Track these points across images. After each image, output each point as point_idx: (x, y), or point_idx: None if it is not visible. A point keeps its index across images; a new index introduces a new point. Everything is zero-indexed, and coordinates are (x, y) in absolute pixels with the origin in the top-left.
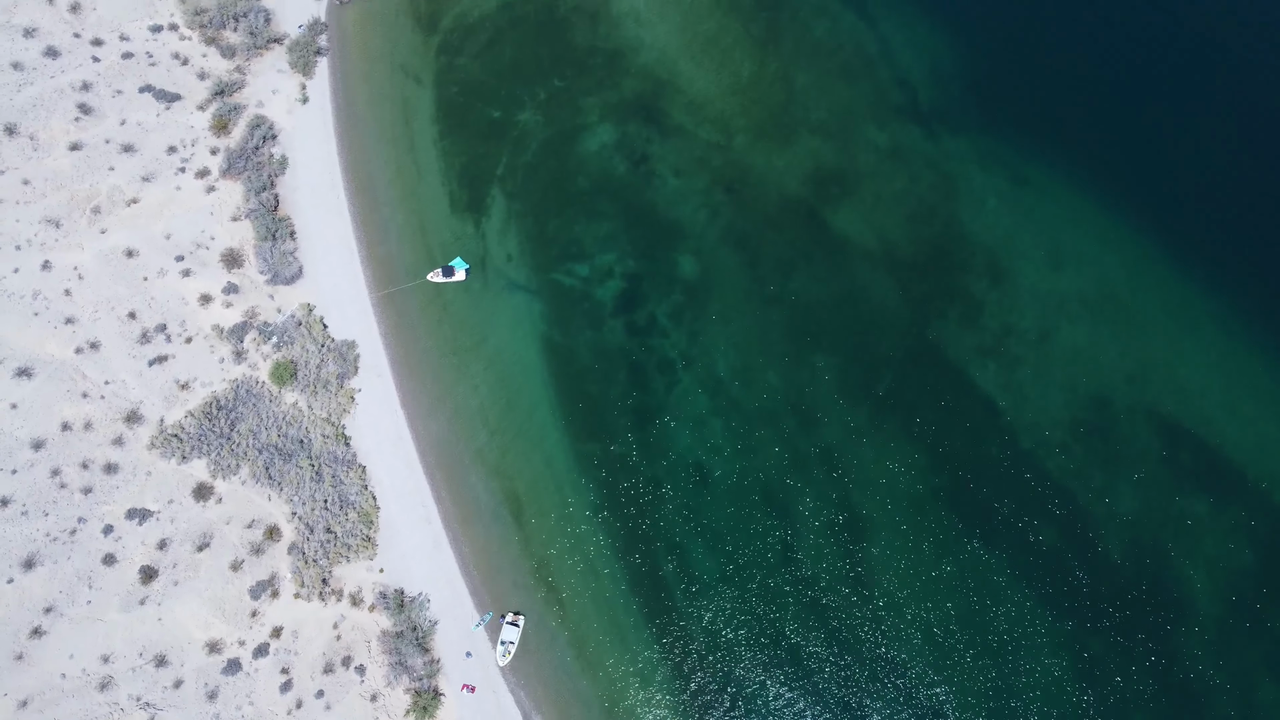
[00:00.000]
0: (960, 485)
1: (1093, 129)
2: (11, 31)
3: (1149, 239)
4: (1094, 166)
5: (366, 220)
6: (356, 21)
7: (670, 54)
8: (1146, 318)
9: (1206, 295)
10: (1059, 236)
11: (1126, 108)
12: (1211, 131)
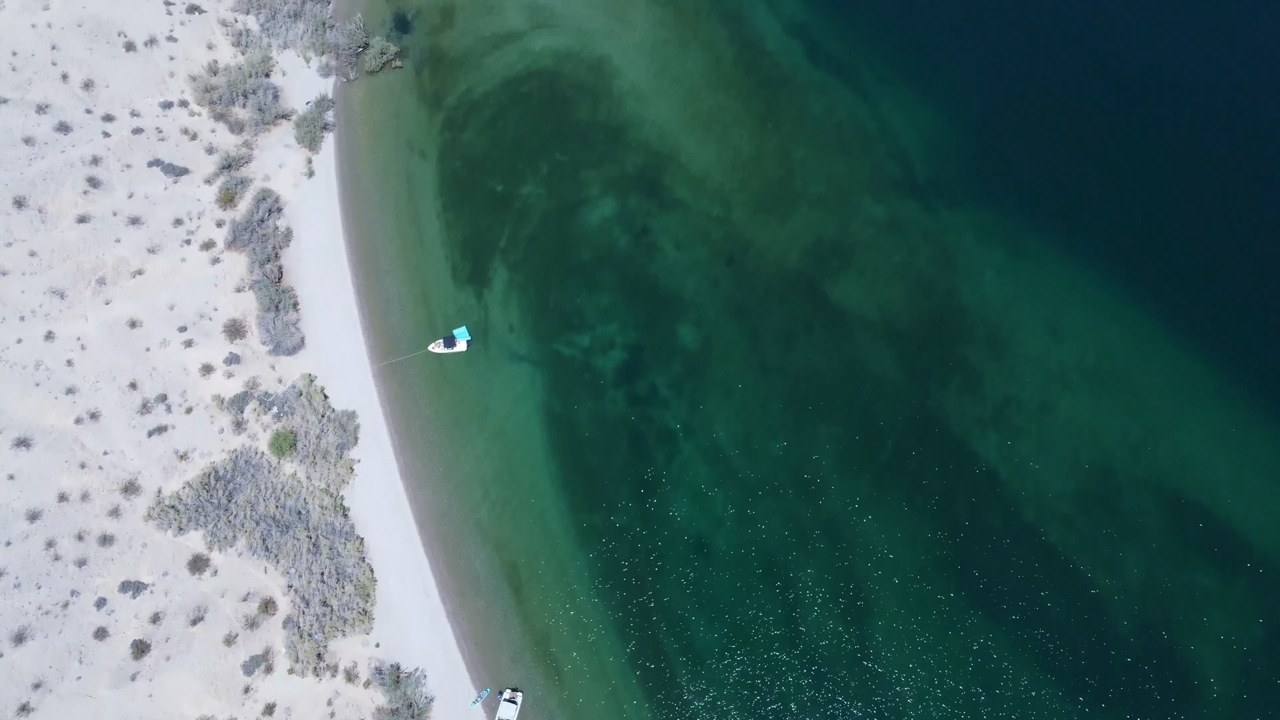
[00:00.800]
0: (964, 557)
1: (1089, 201)
2: (25, 107)
3: (1148, 310)
4: (1091, 238)
5: (369, 291)
6: (363, 98)
7: (671, 129)
8: (1147, 389)
9: (1207, 367)
10: (1058, 308)
11: (1122, 180)
12: (1209, 204)
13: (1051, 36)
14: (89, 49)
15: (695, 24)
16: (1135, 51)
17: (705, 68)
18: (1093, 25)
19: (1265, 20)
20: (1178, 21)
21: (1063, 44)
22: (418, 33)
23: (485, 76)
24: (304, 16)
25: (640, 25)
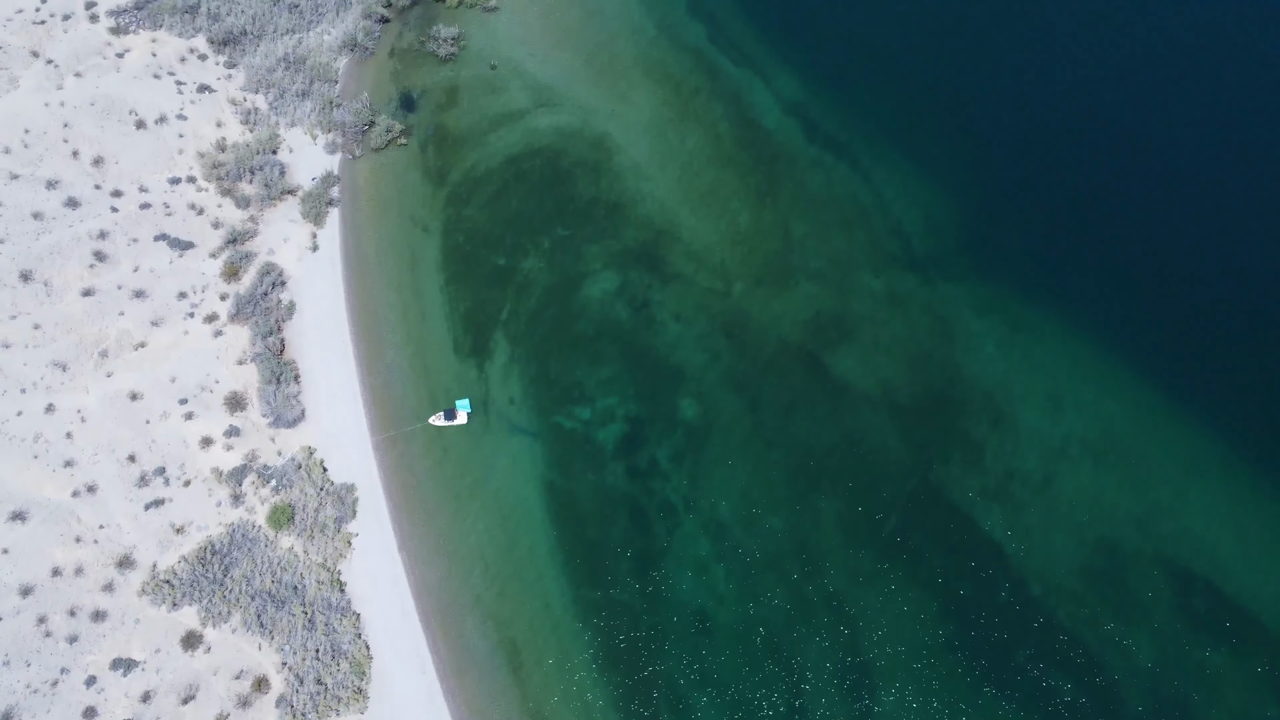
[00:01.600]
0: (970, 633)
1: (1086, 275)
2: (35, 183)
3: (1149, 383)
4: (1090, 311)
5: (371, 364)
6: (368, 174)
7: (670, 205)
8: (1150, 462)
9: (1210, 440)
10: (1058, 380)
11: (1119, 254)
12: (1209, 277)
13: (1046, 114)
14: (100, 126)
15: (695, 102)
16: (1131, 127)
17: (705, 145)
18: (1088, 103)
19: (1257, 99)
20: (1175, 98)
21: (1058, 121)
22: (423, 111)
23: (489, 153)
24: (312, 95)
25: (641, 104)
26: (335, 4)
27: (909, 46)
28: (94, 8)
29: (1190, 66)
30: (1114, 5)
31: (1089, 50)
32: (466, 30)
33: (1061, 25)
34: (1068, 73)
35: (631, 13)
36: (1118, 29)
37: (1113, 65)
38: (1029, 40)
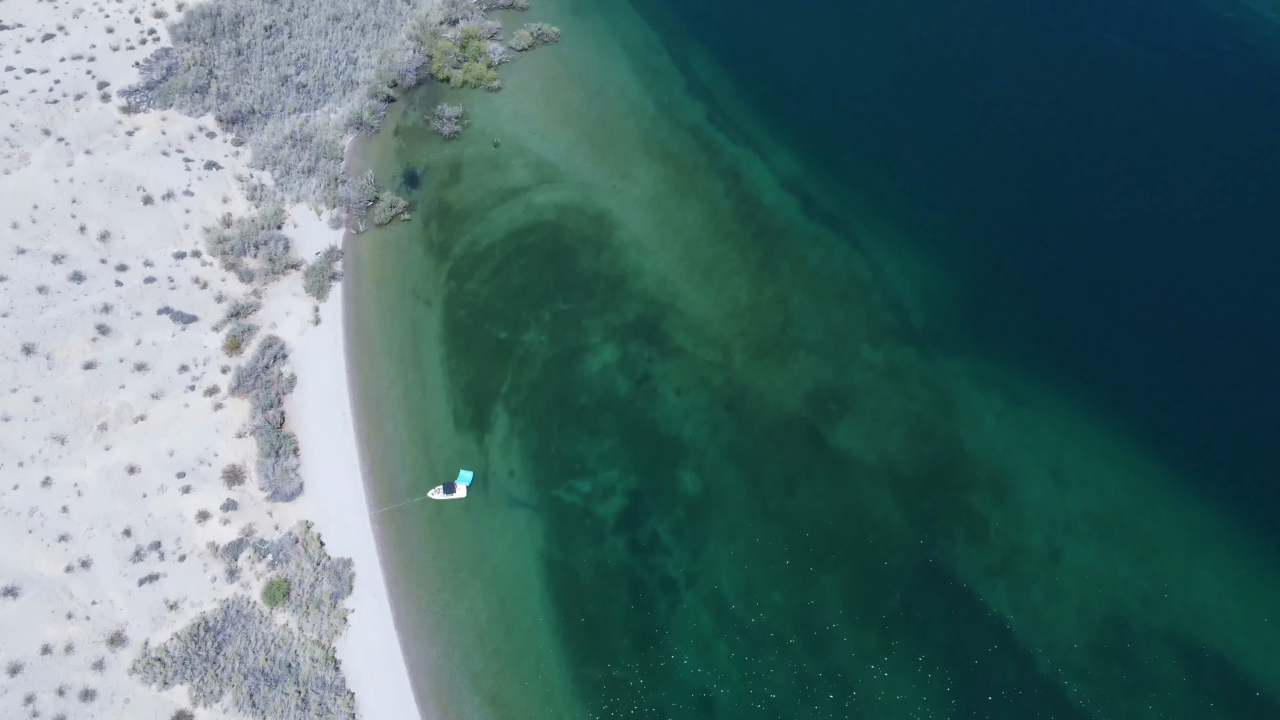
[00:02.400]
0: (978, 712)
1: (1084, 347)
2: (42, 258)
3: (1149, 456)
4: (1088, 384)
5: (371, 437)
6: (371, 248)
7: (671, 279)
8: (1156, 536)
9: (1214, 514)
10: (1060, 454)
11: (1118, 326)
12: (1209, 348)
13: (1043, 187)
14: (108, 202)
15: (694, 178)
16: (1128, 200)
17: (704, 220)
18: (1086, 176)
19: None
20: (1174, 171)
21: (1055, 194)
22: (426, 187)
23: (491, 228)
24: (317, 172)
25: (641, 180)
26: (342, 84)
27: (904, 123)
28: (106, 88)
29: (1190, 140)
30: (1107, 80)
31: (1087, 124)
32: (470, 109)
33: (1058, 100)
34: (1064, 146)
35: (632, 92)
36: (1114, 102)
37: (1111, 137)
38: (1025, 115)
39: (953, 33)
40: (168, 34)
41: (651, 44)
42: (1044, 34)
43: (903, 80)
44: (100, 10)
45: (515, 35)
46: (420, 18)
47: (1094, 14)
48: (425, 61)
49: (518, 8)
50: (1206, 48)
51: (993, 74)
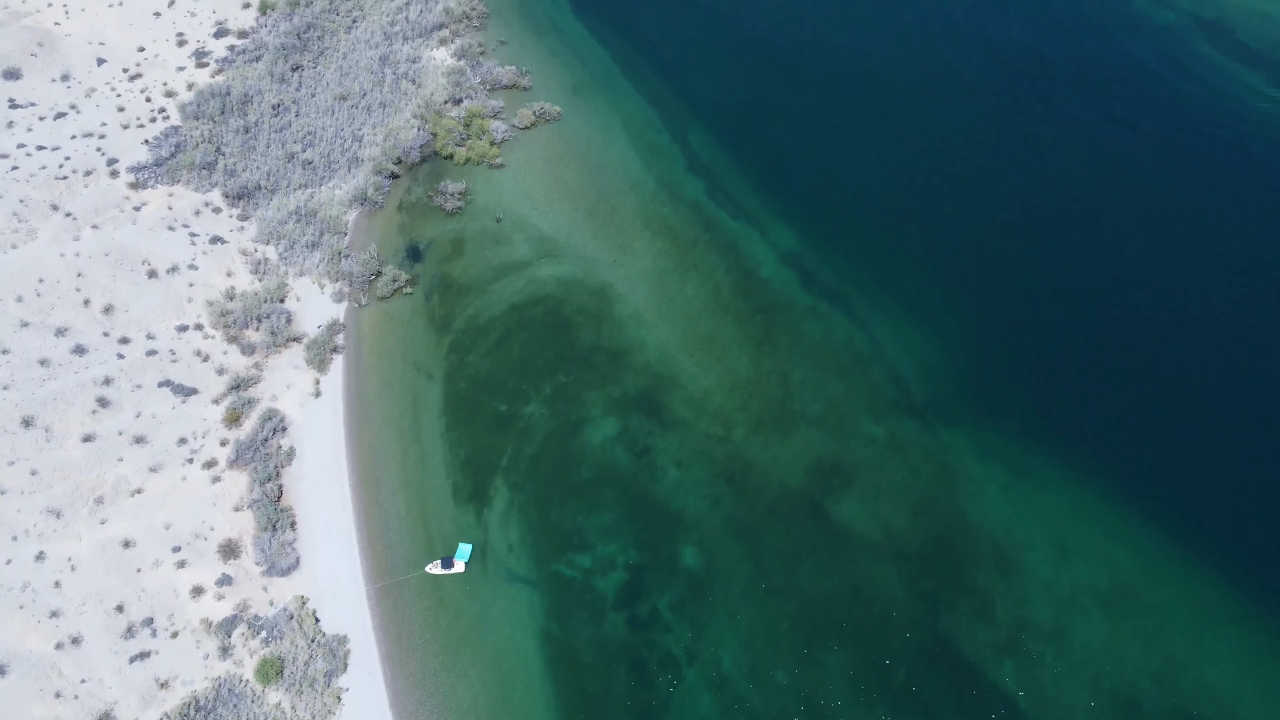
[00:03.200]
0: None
1: (1086, 418)
2: (44, 331)
3: (1155, 529)
4: (1092, 456)
5: (369, 510)
6: (373, 322)
7: (670, 352)
8: (1165, 612)
9: (1225, 589)
10: (1064, 527)
11: (1120, 397)
12: (1216, 419)
13: (1042, 258)
14: (113, 276)
15: (693, 253)
16: (1128, 271)
17: (704, 294)
18: (1086, 246)
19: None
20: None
21: (1054, 265)
22: (429, 261)
23: (492, 302)
24: (321, 246)
25: (642, 255)
26: (347, 161)
27: (901, 199)
28: (115, 164)
29: (1197, 205)
30: (1098, 159)
31: (1081, 200)
32: (473, 185)
33: (1053, 177)
34: (1062, 221)
35: (632, 169)
36: (1105, 181)
37: (1107, 213)
38: (1022, 191)
39: (949, 114)
40: (177, 112)
41: (651, 122)
42: (1037, 114)
43: (899, 157)
44: (113, 90)
45: (518, 114)
46: (425, 97)
47: (1082, 96)
48: (429, 139)
49: (521, 88)
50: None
51: (989, 151)
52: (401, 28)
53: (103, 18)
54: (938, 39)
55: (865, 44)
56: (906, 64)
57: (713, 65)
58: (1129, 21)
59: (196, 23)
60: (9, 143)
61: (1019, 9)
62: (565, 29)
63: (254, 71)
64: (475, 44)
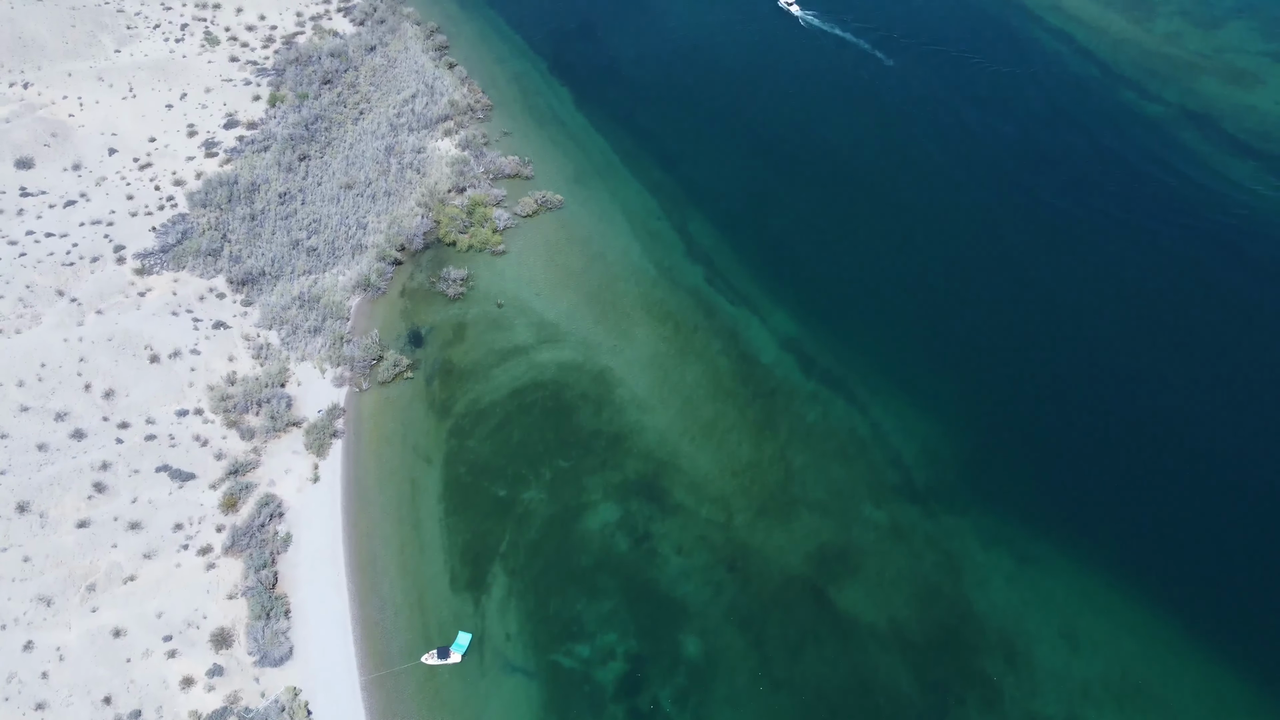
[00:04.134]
0: None
1: (1091, 504)
2: (45, 415)
3: (1164, 618)
4: (1098, 542)
5: (365, 598)
6: (373, 407)
7: (671, 437)
8: (1175, 704)
9: (1235, 679)
10: (1072, 616)
11: (1125, 481)
12: (1221, 503)
13: (1041, 341)
14: (115, 361)
15: (693, 338)
16: (1131, 353)
17: (704, 379)
18: (1085, 331)
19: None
20: (1178, 323)
21: (1055, 348)
22: (430, 346)
23: (492, 386)
24: (323, 332)
25: (641, 339)
26: (351, 248)
27: (899, 284)
28: (122, 251)
29: (1192, 293)
30: (1094, 238)
31: (1079, 283)
32: (475, 271)
33: (1051, 259)
34: (1057, 303)
35: (632, 256)
36: (1103, 258)
37: (1105, 293)
38: (1021, 274)
39: (943, 205)
40: (185, 200)
41: (651, 210)
42: (1028, 206)
43: (895, 245)
44: (122, 179)
45: (520, 202)
46: (429, 186)
47: (1073, 189)
48: (433, 226)
49: (523, 177)
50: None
51: (983, 241)
52: (407, 119)
53: (116, 110)
54: (929, 132)
55: (860, 137)
56: (900, 156)
57: (712, 155)
58: (1118, 114)
59: (207, 114)
60: (18, 230)
61: (1010, 103)
62: (567, 120)
63: (262, 161)
64: (479, 135)
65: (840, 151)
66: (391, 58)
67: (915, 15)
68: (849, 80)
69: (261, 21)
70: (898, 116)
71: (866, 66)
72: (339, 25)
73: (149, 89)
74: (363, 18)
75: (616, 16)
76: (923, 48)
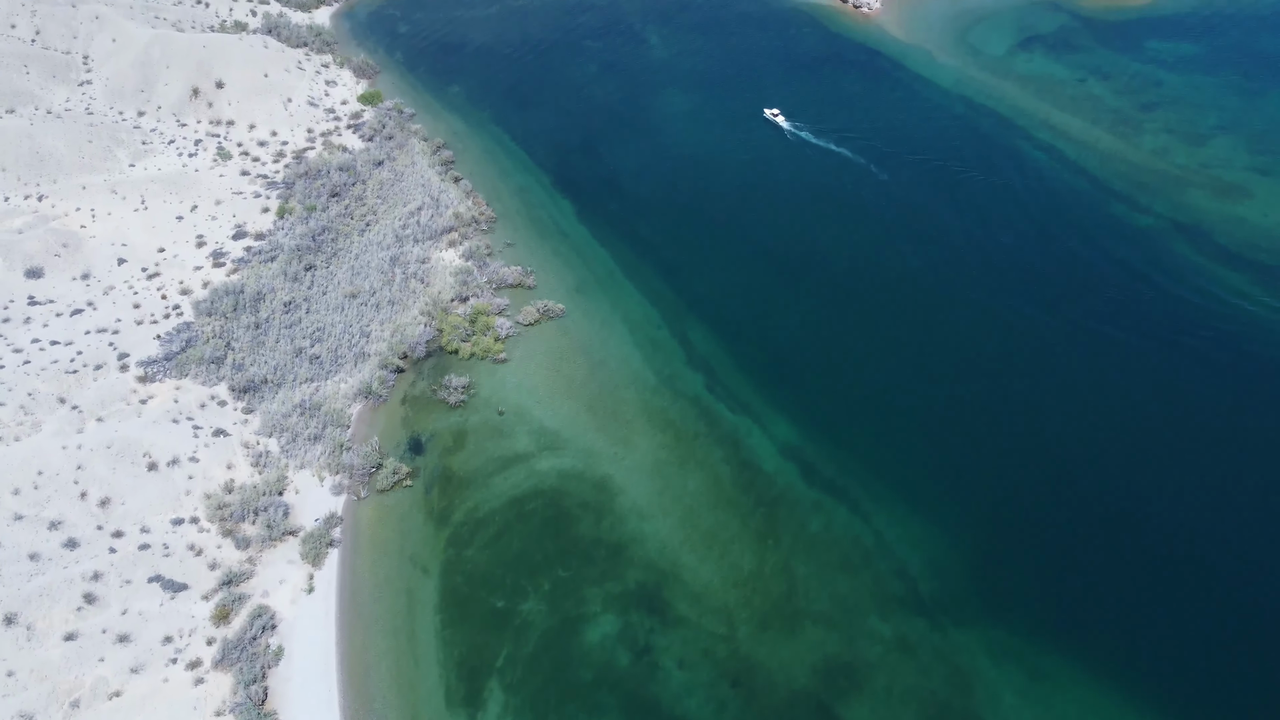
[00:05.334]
0: None
1: (1103, 617)
2: (38, 524)
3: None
4: (1113, 658)
5: (357, 715)
6: (371, 515)
7: (672, 547)
8: None
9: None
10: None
11: (1137, 594)
12: (1240, 616)
13: (1048, 449)
14: (112, 468)
15: (694, 446)
16: (1140, 460)
17: (705, 487)
18: (1094, 437)
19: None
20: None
21: (1061, 456)
22: (430, 454)
23: (492, 495)
24: (323, 439)
25: (642, 447)
26: (354, 355)
27: (900, 392)
28: (126, 359)
29: (1190, 404)
30: (1090, 349)
31: (1079, 393)
32: (476, 379)
33: (1047, 370)
34: (1061, 411)
35: (633, 364)
36: (1100, 370)
37: (1109, 403)
38: (1019, 382)
39: (941, 313)
40: (191, 309)
41: (652, 319)
42: (1026, 315)
43: (895, 354)
44: (130, 288)
45: (522, 311)
46: (433, 295)
47: (1067, 298)
48: (435, 335)
49: (525, 286)
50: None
51: (983, 349)
52: (413, 230)
53: (127, 221)
54: (922, 242)
55: (857, 247)
56: (897, 265)
57: (711, 266)
58: (1110, 225)
59: (216, 225)
60: (24, 338)
61: (1002, 214)
62: (569, 232)
63: (268, 271)
64: (483, 245)
65: (838, 261)
66: (399, 172)
67: (905, 128)
68: (843, 192)
69: (273, 137)
70: (891, 227)
71: (858, 178)
72: (349, 141)
73: (161, 201)
74: (372, 134)
75: (616, 133)
76: (913, 158)
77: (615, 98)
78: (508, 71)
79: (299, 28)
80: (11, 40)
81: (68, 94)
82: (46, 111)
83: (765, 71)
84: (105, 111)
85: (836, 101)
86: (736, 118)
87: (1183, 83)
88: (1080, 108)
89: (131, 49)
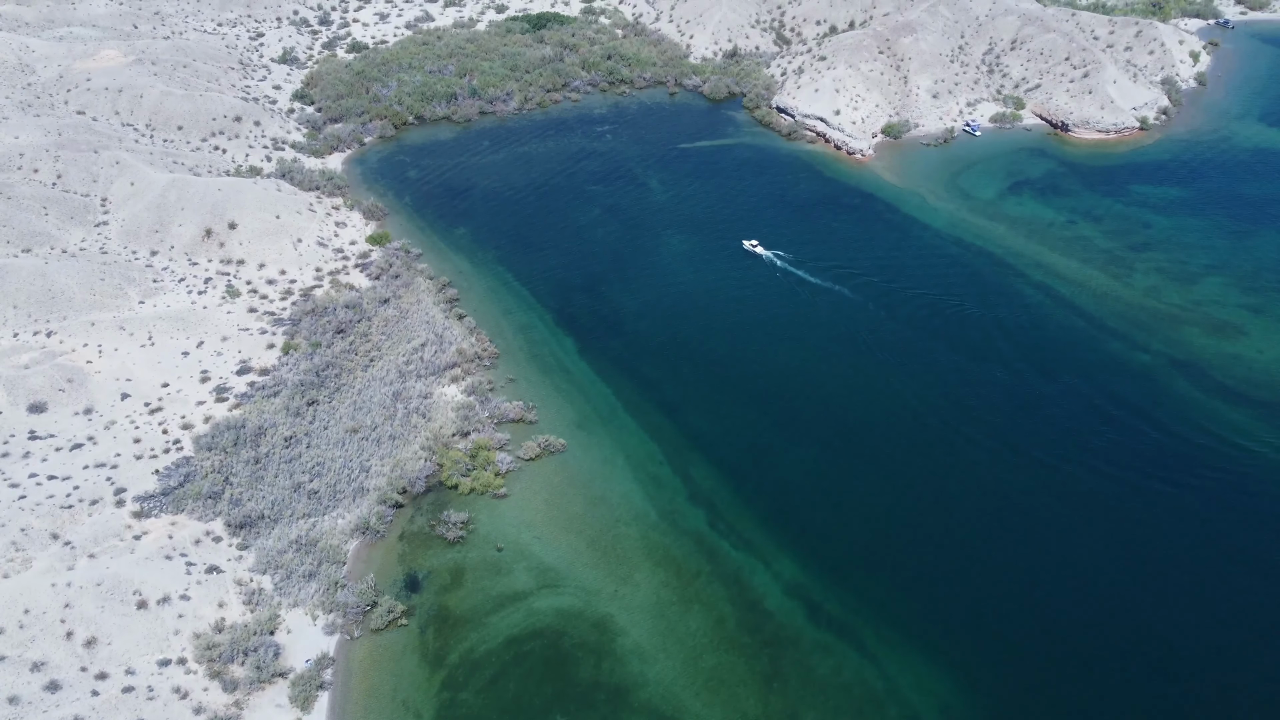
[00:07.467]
0: None
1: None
2: (20, 665)
3: None
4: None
5: None
6: (364, 656)
7: (674, 690)
8: None
9: None
10: None
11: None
12: None
13: (1060, 588)
14: (101, 607)
15: (696, 585)
16: (1149, 601)
17: (708, 626)
18: (1107, 583)
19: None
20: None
21: (1073, 595)
22: (426, 592)
23: (489, 635)
24: (318, 576)
25: (643, 585)
26: (353, 491)
27: (908, 530)
28: (122, 494)
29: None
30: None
31: (1083, 536)
32: (475, 515)
33: (1049, 511)
34: (1065, 553)
35: (634, 500)
36: (1102, 510)
37: (1113, 548)
38: (1017, 527)
39: (942, 451)
40: (191, 444)
41: (653, 455)
42: (1025, 454)
43: (896, 491)
44: (131, 422)
45: (523, 446)
46: (434, 430)
47: (1064, 440)
48: (435, 470)
49: (527, 421)
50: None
51: (983, 488)
52: (416, 366)
53: (133, 356)
54: (925, 380)
55: (855, 383)
56: (896, 403)
57: (710, 402)
58: (1107, 363)
59: (221, 361)
60: (21, 473)
61: (1000, 353)
62: (571, 368)
63: (271, 406)
64: (485, 381)
65: (837, 398)
66: (404, 309)
67: (900, 267)
68: (840, 329)
69: (282, 276)
70: (890, 364)
71: (855, 315)
72: (355, 279)
73: (168, 337)
74: (378, 273)
75: (618, 273)
76: (909, 295)
77: (617, 239)
78: (513, 214)
79: (312, 172)
80: (33, 184)
81: (84, 234)
82: (62, 251)
83: (762, 214)
84: (119, 251)
85: (832, 241)
86: (734, 257)
87: (1171, 225)
88: (1072, 248)
89: (149, 192)
